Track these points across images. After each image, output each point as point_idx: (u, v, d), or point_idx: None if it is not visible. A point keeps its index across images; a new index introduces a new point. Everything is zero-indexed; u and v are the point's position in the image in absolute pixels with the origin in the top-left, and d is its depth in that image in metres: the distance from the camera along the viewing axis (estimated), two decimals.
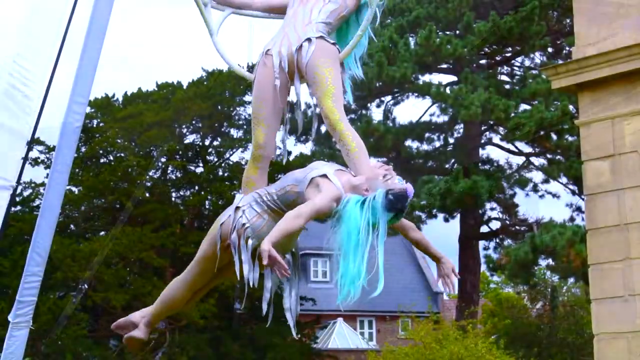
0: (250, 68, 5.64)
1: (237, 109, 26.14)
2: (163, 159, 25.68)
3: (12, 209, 7.45)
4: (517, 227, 26.47)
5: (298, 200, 4.91)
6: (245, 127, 25.86)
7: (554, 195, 26.91)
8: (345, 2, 5.47)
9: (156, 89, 26.41)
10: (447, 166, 26.36)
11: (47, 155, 25.03)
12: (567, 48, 24.76)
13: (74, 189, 24.67)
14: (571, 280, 30.71)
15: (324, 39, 5.29)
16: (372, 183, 4.79)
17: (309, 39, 5.25)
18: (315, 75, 5.18)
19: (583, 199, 11.20)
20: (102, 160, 25.73)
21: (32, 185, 25.21)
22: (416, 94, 25.94)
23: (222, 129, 26.41)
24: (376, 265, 4.65)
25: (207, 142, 26.81)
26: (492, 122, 25.41)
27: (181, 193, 26.34)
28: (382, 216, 4.69)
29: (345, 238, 4.68)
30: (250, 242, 4.95)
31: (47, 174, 19.84)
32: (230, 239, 4.97)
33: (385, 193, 4.71)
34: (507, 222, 26.82)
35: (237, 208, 5.03)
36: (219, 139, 26.68)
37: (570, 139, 23.52)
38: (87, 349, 23.19)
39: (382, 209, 4.68)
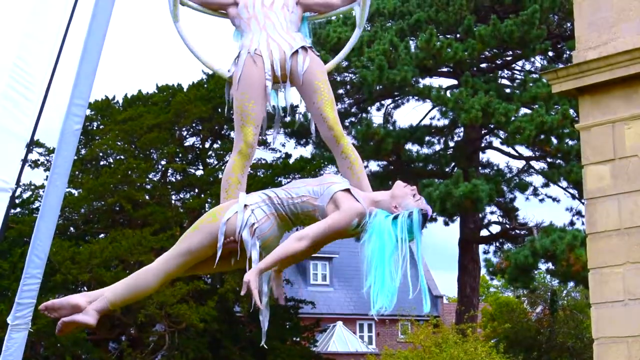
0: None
1: None
2: (163, 162, 25.66)
3: (12, 211, 7.43)
4: (517, 231, 26.48)
5: (315, 213, 4.94)
6: None
7: (554, 199, 26.93)
8: (300, 16, 5.57)
9: (156, 91, 26.37)
10: (447, 170, 26.34)
11: (47, 158, 25.03)
12: (568, 52, 24.77)
13: (73, 191, 24.66)
14: (571, 284, 30.67)
15: (313, 50, 5.36)
16: (402, 201, 4.88)
17: (304, 48, 5.30)
18: (316, 84, 5.24)
19: (583, 203, 11.18)
20: (101, 163, 25.71)
21: (32, 187, 25.22)
22: (416, 98, 25.93)
23: (222, 132, 26.38)
24: (419, 283, 4.78)
25: (207, 145, 26.79)
26: (492, 126, 25.41)
27: (181, 196, 26.31)
28: (418, 233, 4.85)
29: (378, 251, 4.76)
30: (258, 242, 4.96)
31: (47, 176, 19.83)
32: (240, 236, 4.95)
33: (419, 212, 4.86)
34: (507, 226, 26.82)
35: (246, 206, 5.01)
36: (219, 142, 26.65)
37: (570, 142, 23.53)
38: (87, 352, 23.17)
39: (419, 227, 4.84)
